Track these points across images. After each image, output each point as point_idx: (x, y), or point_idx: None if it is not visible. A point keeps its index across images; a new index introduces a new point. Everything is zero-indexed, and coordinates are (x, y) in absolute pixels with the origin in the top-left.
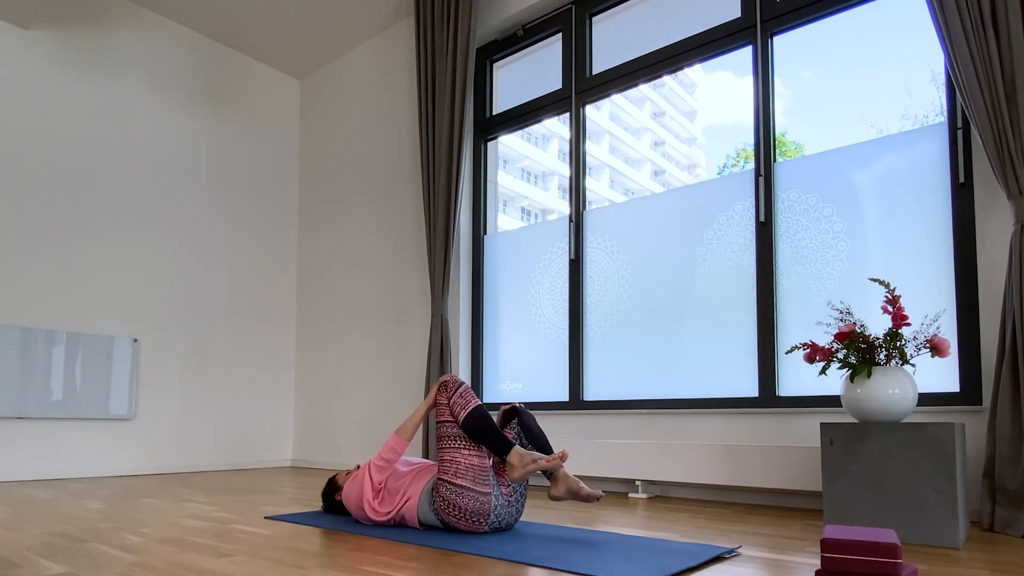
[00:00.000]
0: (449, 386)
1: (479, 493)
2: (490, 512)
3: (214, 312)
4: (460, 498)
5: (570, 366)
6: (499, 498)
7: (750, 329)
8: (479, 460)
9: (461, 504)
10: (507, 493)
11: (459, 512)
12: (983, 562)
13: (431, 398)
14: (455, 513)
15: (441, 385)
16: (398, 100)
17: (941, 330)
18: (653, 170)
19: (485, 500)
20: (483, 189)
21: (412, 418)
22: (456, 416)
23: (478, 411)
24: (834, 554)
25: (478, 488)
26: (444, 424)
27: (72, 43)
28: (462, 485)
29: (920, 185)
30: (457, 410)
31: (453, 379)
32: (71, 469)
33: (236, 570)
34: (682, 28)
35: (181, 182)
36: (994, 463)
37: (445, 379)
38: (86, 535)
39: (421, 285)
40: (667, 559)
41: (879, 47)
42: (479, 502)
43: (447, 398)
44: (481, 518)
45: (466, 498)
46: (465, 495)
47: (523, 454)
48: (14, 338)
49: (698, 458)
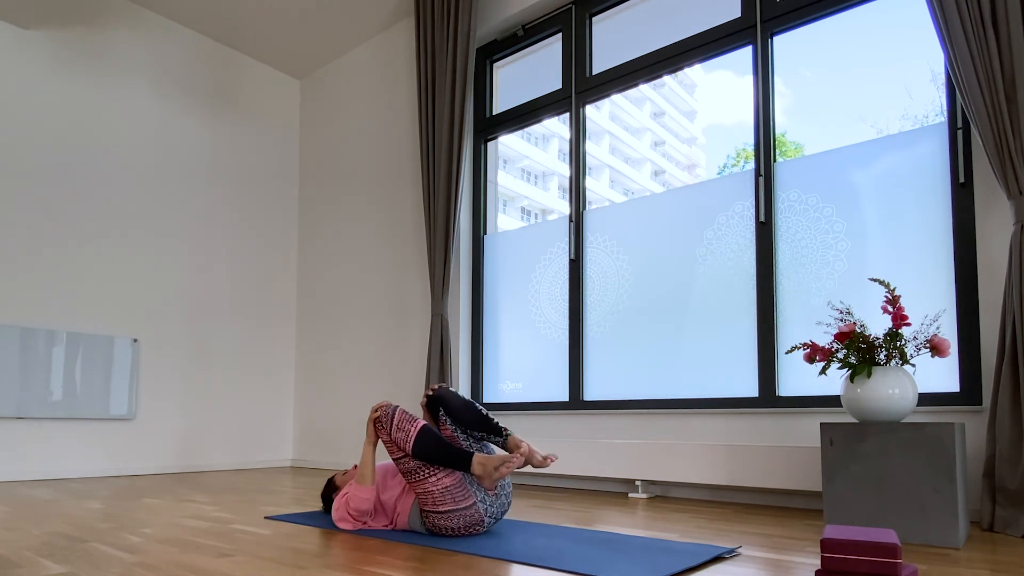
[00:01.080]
0: (383, 421)
1: (465, 508)
2: (483, 518)
3: (214, 312)
4: (449, 521)
5: (570, 366)
6: (485, 500)
7: (750, 329)
8: (450, 479)
9: (453, 526)
10: (493, 492)
11: (453, 531)
12: (983, 562)
13: (371, 435)
14: (450, 531)
15: (375, 423)
16: (398, 100)
17: (941, 330)
18: (653, 170)
19: (474, 511)
20: (483, 189)
21: (363, 464)
22: (404, 449)
23: (421, 436)
24: (834, 554)
25: (462, 505)
26: (400, 461)
27: (72, 43)
28: (446, 510)
29: (920, 185)
30: (402, 443)
31: (383, 410)
32: (71, 469)
33: (236, 570)
34: (682, 28)
35: (181, 182)
36: (994, 463)
37: (375, 415)
38: (86, 535)
39: (421, 285)
40: (667, 559)
41: (879, 47)
42: (468, 516)
43: (388, 435)
44: (477, 526)
45: (455, 519)
46: (453, 517)
47: (485, 462)
48: (14, 338)
49: (698, 458)
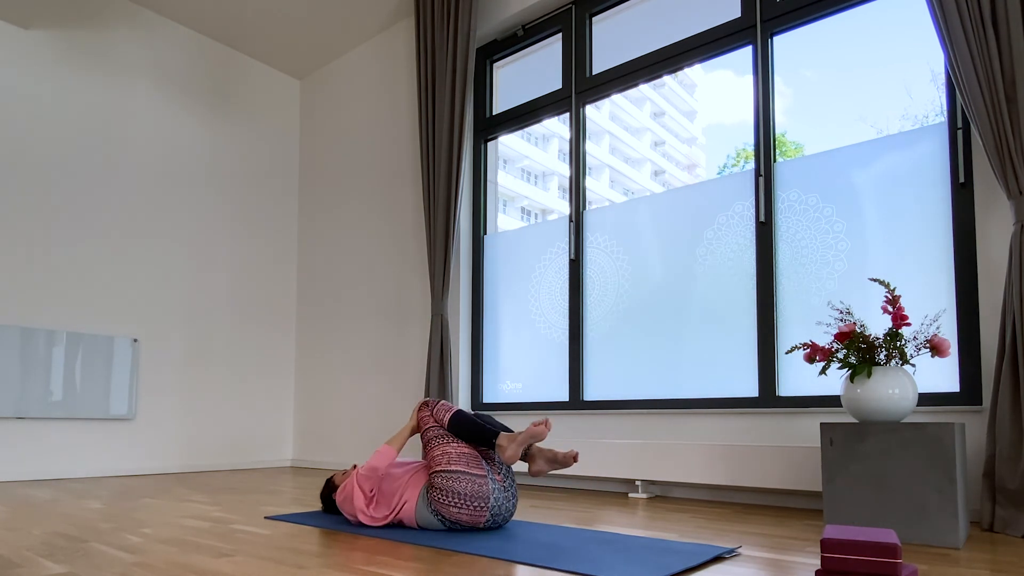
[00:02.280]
0: (430, 404)
1: (475, 476)
2: (489, 495)
3: (214, 312)
4: (457, 483)
5: (570, 366)
6: (494, 482)
7: (750, 329)
8: (469, 448)
9: (459, 489)
10: (500, 479)
11: (459, 499)
12: (983, 562)
13: (413, 419)
14: (455, 501)
15: (423, 404)
16: (398, 100)
17: (941, 330)
18: (653, 170)
19: (483, 483)
20: (483, 189)
21: (401, 433)
22: (441, 421)
23: (460, 413)
24: (834, 554)
25: (473, 471)
26: (430, 429)
27: (72, 43)
28: (457, 470)
29: (920, 185)
30: (441, 416)
31: (431, 399)
32: (71, 469)
33: (236, 570)
34: (682, 28)
35: (181, 182)
36: (994, 463)
37: (425, 400)
38: (86, 535)
39: (421, 285)
40: (667, 559)
41: (879, 47)
42: (477, 484)
43: (430, 411)
44: (481, 502)
45: (463, 482)
46: (462, 479)
47: (511, 436)
48: (14, 338)
49: (698, 458)
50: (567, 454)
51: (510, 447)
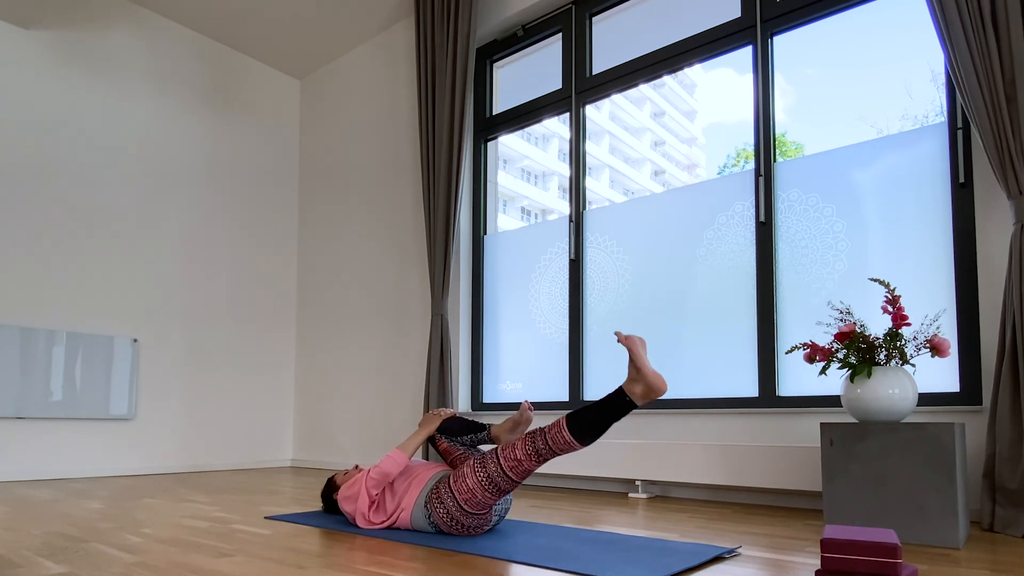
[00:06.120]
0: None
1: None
2: (489, 522)
3: (214, 312)
4: (465, 518)
5: (570, 366)
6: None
7: (750, 329)
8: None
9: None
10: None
11: (460, 527)
12: (983, 562)
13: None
14: (455, 528)
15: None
16: (398, 100)
17: (941, 330)
18: (653, 170)
19: (488, 517)
20: (483, 189)
21: (413, 439)
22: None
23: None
24: (834, 554)
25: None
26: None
27: (72, 43)
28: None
29: (920, 185)
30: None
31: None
32: (71, 469)
33: (236, 570)
34: (682, 28)
35: (181, 182)
36: (994, 463)
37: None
38: (86, 535)
39: (421, 285)
40: (667, 559)
41: (879, 47)
42: (482, 520)
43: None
44: (480, 529)
45: (470, 518)
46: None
47: (499, 425)
48: (14, 338)
49: (698, 458)
50: (522, 410)
51: (506, 435)
